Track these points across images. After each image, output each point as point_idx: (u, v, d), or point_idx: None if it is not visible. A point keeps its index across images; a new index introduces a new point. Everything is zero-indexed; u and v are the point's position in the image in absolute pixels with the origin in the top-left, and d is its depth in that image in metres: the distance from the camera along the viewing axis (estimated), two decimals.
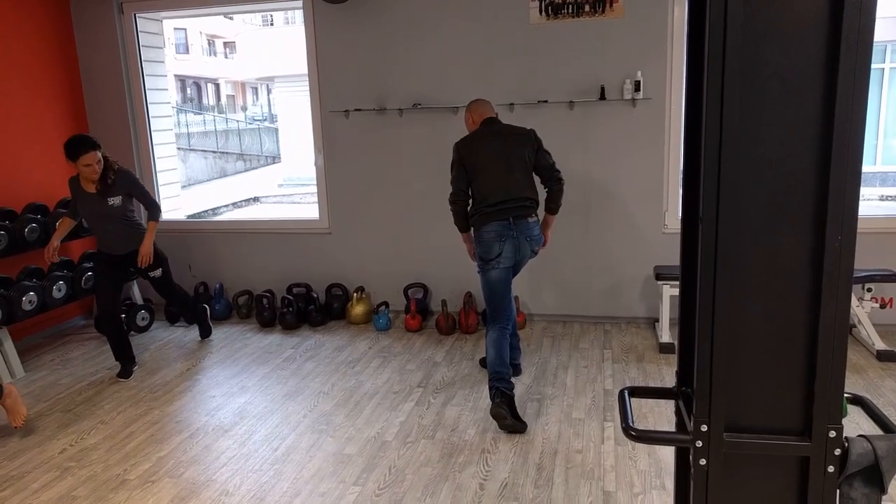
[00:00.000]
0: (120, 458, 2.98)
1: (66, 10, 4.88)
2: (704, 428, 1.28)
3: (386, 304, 4.74)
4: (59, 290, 4.21)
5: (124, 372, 3.90)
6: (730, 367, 1.26)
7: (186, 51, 26.60)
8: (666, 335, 4.06)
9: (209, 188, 16.72)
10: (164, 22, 5.23)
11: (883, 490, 1.27)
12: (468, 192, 3.33)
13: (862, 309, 3.80)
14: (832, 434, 1.24)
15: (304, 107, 5.45)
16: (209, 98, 28.57)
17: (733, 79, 1.15)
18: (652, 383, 3.56)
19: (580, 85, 4.29)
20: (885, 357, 3.69)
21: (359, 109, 4.63)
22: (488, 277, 3.30)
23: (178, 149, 12.37)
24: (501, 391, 3.09)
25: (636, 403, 3.28)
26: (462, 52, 4.40)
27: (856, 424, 2.86)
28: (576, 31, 4.23)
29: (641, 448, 2.88)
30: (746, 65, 1.15)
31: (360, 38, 4.54)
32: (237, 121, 22.85)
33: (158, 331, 4.74)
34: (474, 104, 3.45)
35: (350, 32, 4.55)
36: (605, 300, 4.56)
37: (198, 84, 27.85)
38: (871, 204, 10.62)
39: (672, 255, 4.35)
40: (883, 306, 3.82)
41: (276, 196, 14.65)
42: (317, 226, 4.96)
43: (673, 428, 1.56)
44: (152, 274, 4.07)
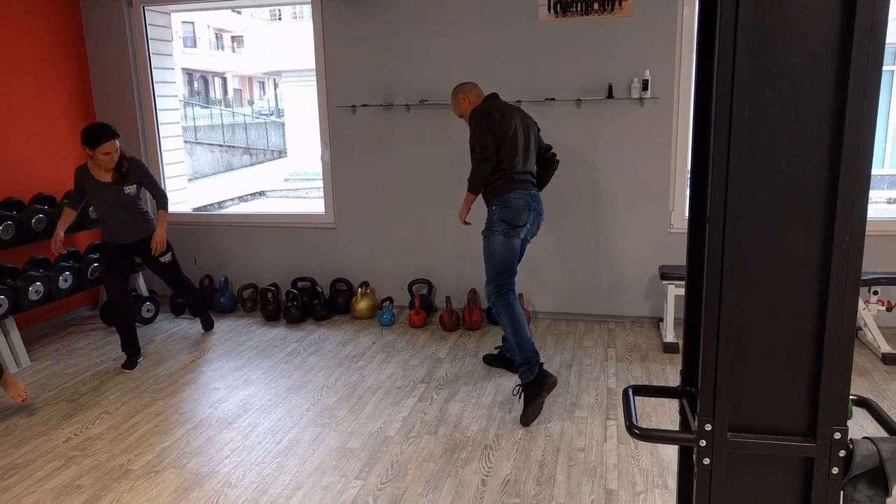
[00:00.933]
0: (124, 448, 3.00)
1: (75, 3, 4.89)
2: (708, 427, 1.28)
3: (390, 299, 4.75)
4: (65, 280, 4.23)
5: (129, 363, 3.93)
6: (735, 366, 1.26)
7: (194, 44, 26.65)
8: (670, 335, 4.05)
9: (215, 182, 16.76)
10: (173, 15, 5.24)
11: (887, 492, 1.27)
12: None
13: (868, 312, 3.78)
14: (837, 436, 1.24)
15: (311, 102, 5.44)
16: (216, 92, 28.61)
17: (743, 77, 1.14)
18: (655, 383, 3.55)
19: (588, 83, 4.28)
20: (891, 360, 3.67)
21: (366, 105, 4.63)
22: (512, 244, 3.28)
23: (185, 142, 12.37)
24: (542, 376, 3.16)
25: (639, 402, 3.27)
26: (469, 49, 4.39)
27: (860, 427, 2.85)
28: (584, 28, 4.21)
29: (644, 447, 2.88)
30: (756, 63, 1.15)
31: (367, 34, 4.54)
32: (244, 115, 22.88)
33: (163, 322, 4.76)
34: (466, 86, 3.47)
35: (358, 28, 4.55)
36: (609, 299, 4.55)
37: (205, 78, 27.90)
38: (879, 207, 10.58)
39: (677, 255, 4.34)
40: (889, 309, 3.80)
41: (281, 190, 14.67)
42: (322, 220, 4.96)
43: (676, 427, 1.55)
44: (163, 259, 4.10)
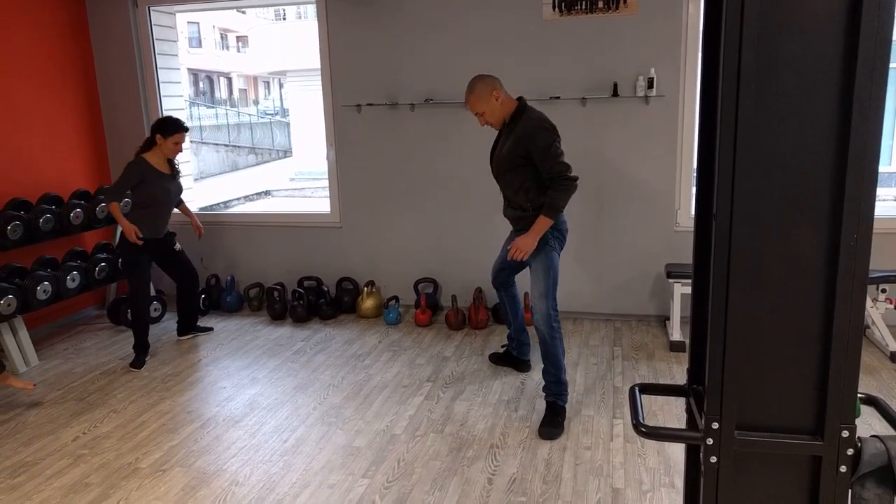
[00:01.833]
0: (132, 446, 3.02)
1: (81, 3, 4.91)
2: (716, 425, 1.27)
3: (396, 298, 4.75)
4: (73, 280, 4.25)
5: (137, 362, 3.95)
6: (742, 364, 1.26)
7: (199, 44, 26.71)
8: (676, 333, 4.04)
9: (221, 181, 16.80)
10: (178, 15, 5.26)
11: None
12: None
13: (876, 310, 3.76)
14: (845, 434, 1.23)
15: (316, 101, 5.45)
16: (221, 92, 28.67)
17: (749, 73, 1.14)
18: (662, 381, 3.54)
19: (593, 81, 4.27)
20: None
21: (371, 104, 4.64)
22: (557, 263, 3.14)
23: (191, 142, 12.41)
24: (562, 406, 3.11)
25: (646, 401, 3.27)
26: (474, 48, 4.39)
27: (869, 426, 2.84)
28: (589, 27, 4.21)
29: (651, 445, 2.87)
30: (762, 59, 1.14)
31: (372, 34, 4.54)
32: (249, 115, 22.92)
33: (170, 322, 4.78)
34: (496, 83, 3.04)
35: (362, 27, 4.55)
36: (615, 297, 4.55)
37: (210, 78, 27.97)
38: (887, 204, 10.51)
39: (683, 254, 4.33)
40: None
41: (287, 190, 14.68)
42: (328, 220, 4.97)
43: (683, 426, 1.55)
44: (178, 247, 4.24)
